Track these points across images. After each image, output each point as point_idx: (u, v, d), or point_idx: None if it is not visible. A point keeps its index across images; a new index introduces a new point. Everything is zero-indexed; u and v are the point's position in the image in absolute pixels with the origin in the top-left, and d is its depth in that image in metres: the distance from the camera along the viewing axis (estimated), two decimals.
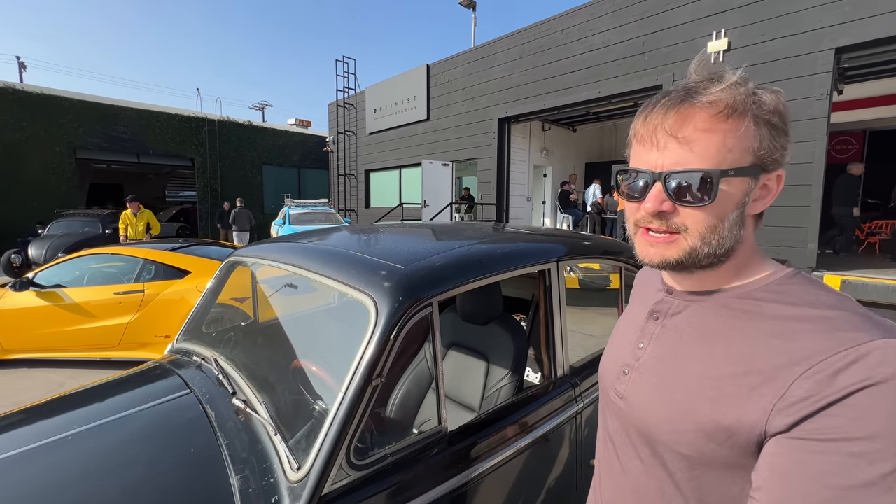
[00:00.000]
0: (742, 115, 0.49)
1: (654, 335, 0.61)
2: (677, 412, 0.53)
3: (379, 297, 1.04)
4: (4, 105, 12.06)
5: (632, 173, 0.55)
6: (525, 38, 8.67)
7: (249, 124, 17.12)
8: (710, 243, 0.52)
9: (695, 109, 0.50)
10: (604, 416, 0.69)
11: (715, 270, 0.56)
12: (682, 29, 6.44)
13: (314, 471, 0.89)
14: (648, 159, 0.53)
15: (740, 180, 0.50)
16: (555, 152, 11.38)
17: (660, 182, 0.52)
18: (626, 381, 0.62)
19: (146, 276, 4.08)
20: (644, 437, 0.57)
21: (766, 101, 0.50)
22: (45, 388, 3.64)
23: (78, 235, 8.88)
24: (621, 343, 0.67)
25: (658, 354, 0.59)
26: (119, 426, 1.15)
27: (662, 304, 0.62)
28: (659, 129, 0.52)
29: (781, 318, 0.50)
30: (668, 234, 0.54)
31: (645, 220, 0.55)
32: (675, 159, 0.51)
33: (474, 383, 1.65)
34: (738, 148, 0.49)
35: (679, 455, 0.53)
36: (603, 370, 0.70)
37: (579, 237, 1.87)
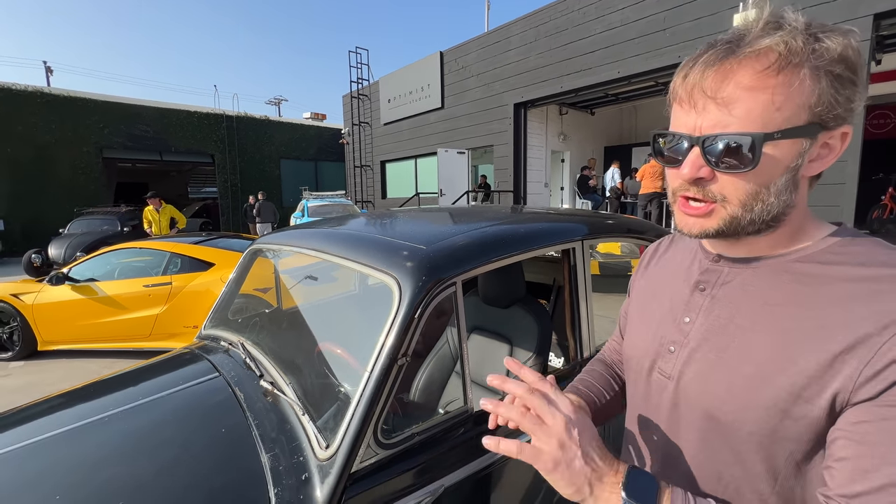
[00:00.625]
0: (797, 68, 0.43)
1: (703, 307, 0.56)
2: (746, 388, 0.48)
3: (402, 277, 1.03)
4: (34, 108, 12.52)
5: (670, 137, 0.51)
6: (540, 20, 8.46)
7: (266, 119, 17.33)
8: (753, 210, 0.48)
9: (739, 64, 0.45)
10: (642, 399, 0.64)
11: (766, 236, 0.52)
12: (706, 2, 6.16)
13: (342, 449, 0.90)
14: (687, 122, 0.49)
15: (791, 142, 0.45)
16: (572, 137, 11.15)
17: (697, 147, 0.48)
18: (675, 359, 0.57)
19: (173, 268, 4.20)
20: (703, 416, 0.53)
21: (830, 48, 0.43)
22: (83, 377, 3.81)
23: (96, 234, 9.09)
24: (656, 319, 0.62)
25: (712, 328, 0.54)
26: (153, 408, 1.18)
27: (710, 274, 0.57)
28: (696, 89, 0.47)
29: (855, 279, 0.46)
30: (706, 204, 0.50)
31: (682, 188, 0.51)
32: (713, 122, 0.46)
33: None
34: (791, 105, 0.43)
35: (745, 433, 0.49)
36: (636, 350, 0.65)
37: (603, 216, 1.82)
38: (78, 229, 9.41)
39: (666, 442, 0.58)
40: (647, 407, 0.62)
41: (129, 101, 14.31)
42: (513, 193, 9.56)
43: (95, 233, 9.12)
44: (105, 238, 8.68)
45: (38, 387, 3.61)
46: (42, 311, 4.12)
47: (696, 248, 0.62)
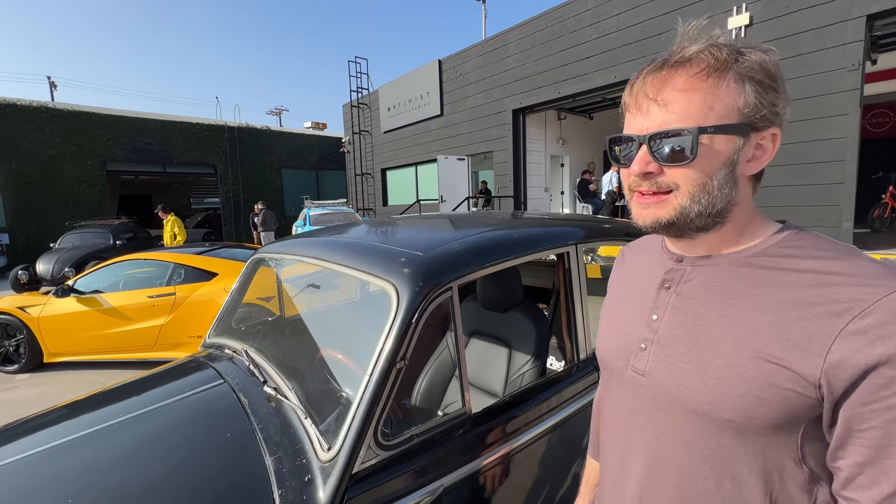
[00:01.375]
0: (722, 73, 0.50)
1: (670, 304, 0.59)
2: (718, 378, 0.51)
3: (399, 283, 1.06)
4: (39, 123, 12.68)
5: (623, 141, 0.57)
6: (537, 27, 8.55)
7: (267, 129, 17.48)
8: (700, 202, 0.52)
9: (674, 71, 0.51)
10: (615, 398, 0.66)
11: (716, 233, 0.56)
12: (700, 6, 6.23)
13: (344, 450, 0.92)
14: (635, 125, 0.55)
15: (725, 138, 0.51)
16: (572, 141, 11.21)
17: (644, 145, 0.53)
18: (647, 356, 0.59)
19: (177, 279, 4.24)
20: (680, 409, 0.55)
21: (751, 59, 0.50)
22: (89, 388, 3.83)
23: (87, 248, 8.79)
24: (625, 319, 0.65)
25: (679, 323, 0.57)
26: (160, 414, 1.21)
27: (674, 273, 0.61)
28: (640, 94, 0.54)
29: (806, 270, 0.50)
30: (658, 195, 0.54)
31: (635, 184, 0.56)
32: (656, 121, 0.52)
33: (497, 370, 1.67)
34: (721, 106, 0.50)
35: (724, 422, 0.51)
36: (608, 350, 0.67)
37: (598, 220, 1.86)
38: (69, 244, 9.14)
39: (646, 435, 0.60)
40: (625, 403, 0.64)
41: (133, 114, 14.48)
42: (513, 199, 9.60)
43: (86, 247, 8.86)
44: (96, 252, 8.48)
45: (44, 399, 3.64)
46: (48, 324, 4.17)
47: (660, 250, 0.66)
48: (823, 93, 5.19)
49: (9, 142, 12.23)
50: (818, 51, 5.24)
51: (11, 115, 12.29)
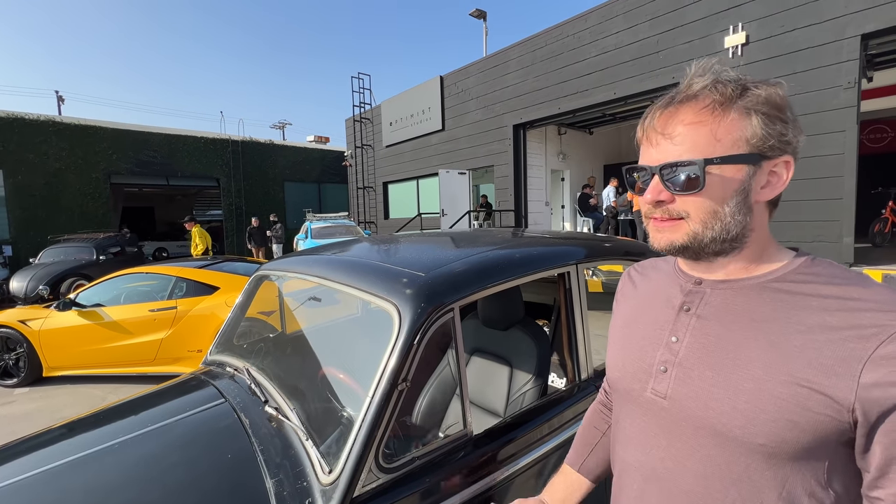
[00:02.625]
0: (727, 107, 0.52)
1: (691, 326, 0.59)
2: (749, 402, 0.51)
3: (401, 304, 1.07)
4: (46, 137, 12.86)
5: (635, 171, 0.61)
6: (537, 45, 8.71)
7: (271, 143, 17.68)
8: (713, 228, 0.54)
9: (682, 106, 0.55)
10: (631, 421, 0.65)
11: (734, 257, 0.58)
12: (697, 25, 6.36)
13: (345, 473, 0.92)
14: (648, 157, 0.58)
15: (735, 168, 0.53)
16: (572, 156, 11.31)
17: (657, 175, 0.56)
18: (668, 379, 0.59)
19: (178, 293, 4.25)
20: (708, 433, 0.54)
21: (756, 93, 0.53)
22: (88, 403, 3.82)
23: (66, 264, 8.30)
24: (640, 341, 0.65)
25: (702, 345, 0.57)
26: (161, 434, 1.21)
27: (693, 295, 0.61)
28: (651, 130, 0.57)
29: (829, 296, 0.51)
30: (672, 220, 0.57)
31: (651, 211, 0.59)
32: (666, 153, 0.55)
33: (498, 388, 1.66)
34: (728, 138, 0.52)
35: (756, 446, 0.50)
36: (622, 372, 0.67)
37: (599, 239, 1.87)
38: (50, 258, 8.69)
39: (668, 459, 0.59)
40: (644, 426, 0.63)
41: (139, 127, 14.68)
42: (514, 213, 9.65)
43: (66, 263, 8.41)
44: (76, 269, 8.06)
45: (42, 413, 3.62)
46: (48, 337, 4.16)
47: (674, 273, 0.66)
48: (820, 110, 5.25)
49: (15, 155, 12.39)
50: (814, 69, 5.32)
51: (19, 129, 12.47)
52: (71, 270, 8.15)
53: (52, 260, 8.66)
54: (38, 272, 7.84)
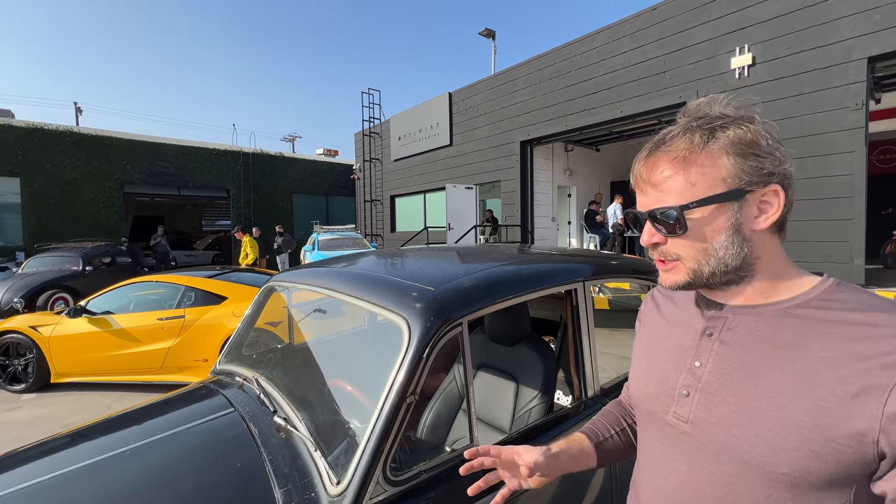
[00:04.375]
0: (696, 153, 0.55)
1: (713, 352, 0.59)
2: (772, 430, 0.51)
3: (411, 318, 1.09)
4: (63, 147, 13.19)
5: (632, 213, 0.65)
6: (545, 63, 8.86)
7: (280, 156, 17.98)
8: (708, 263, 0.57)
9: (659, 157, 0.58)
10: (652, 443, 0.66)
11: (746, 284, 0.59)
12: (703, 47, 6.44)
13: (353, 485, 0.93)
14: (640, 202, 0.62)
15: (715, 207, 0.56)
16: (579, 172, 11.37)
17: (648, 220, 0.61)
18: (691, 403, 0.59)
19: (187, 302, 4.29)
20: (730, 460, 0.54)
21: (726, 135, 0.55)
22: (94, 410, 3.84)
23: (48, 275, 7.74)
24: (664, 364, 0.65)
25: (725, 371, 0.57)
26: (171, 442, 1.22)
27: (716, 321, 0.61)
28: (638, 178, 0.62)
29: (852, 323, 0.51)
30: (671, 262, 0.60)
31: (650, 252, 0.63)
32: (652, 200, 0.59)
33: (504, 404, 1.66)
34: (704, 181, 0.55)
35: (779, 475, 0.50)
36: (645, 395, 0.67)
37: (606, 257, 1.88)
38: (34, 268, 8.17)
39: (687, 484, 0.59)
40: (665, 450, 0.63)
41: (153, 138, 15.02)
42: (520, 228, 9.67)
43: (47, 273, 7.84)
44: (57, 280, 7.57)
45: (48, 419, 3.64)
46: (58, 344, 4.21)
47: (697, 297, 0.66)
48: (828, 130, 5.27)
49: (34, 163, 12.71)
50: (822, 90, 5.35)
51: (38, 139, 12.82)
52: (51, 282, 7.57)
53: (35, 269, 8.11)
54: (17, 283, 7.37)
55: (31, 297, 7.13)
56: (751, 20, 5.94)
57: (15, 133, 12.50)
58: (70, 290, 7.75)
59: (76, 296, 7.49)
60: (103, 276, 8.28)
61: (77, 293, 7.66)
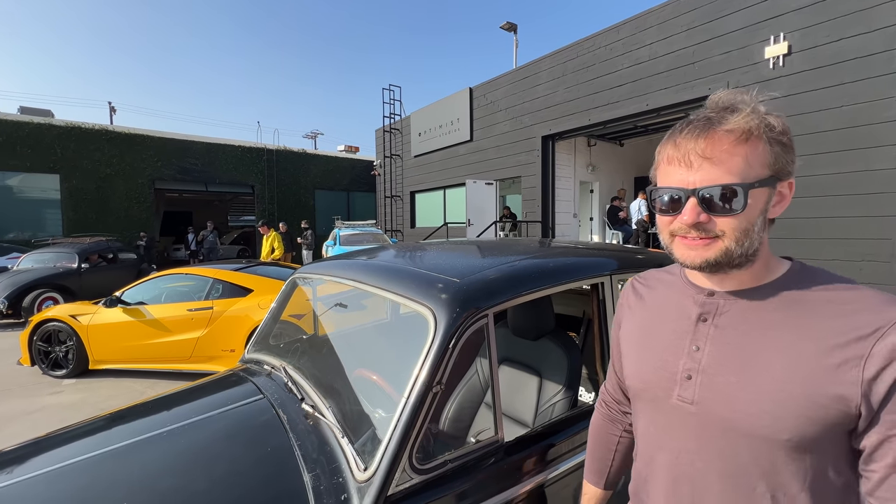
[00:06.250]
0: (758, 138, 0.58)
1: (710, 336, 0.64)
2: (774, 402, 0.56)
3: (437, 309, 1.09)
4: (99, 144, 13.77)
5: (665, 191, 0.63)
6: (568, 56, 8.70)
7: (303, 152, 18.27)
8: (743, 245, 0.59)
9: (719, 135, 0.58)
10: (657, 427, 0.70)
11: (747, 269, 0.63)
12: (735, 36, 6.20)
13: (380, 471, 0.94)
14: (681, 178, 0.61)
15: (762, 190, 0.59)
16: (602, 167, 11.15)
17: (694, 197, 0.59)
18: (694, 385, 0.63)
19: (214, 294, 4.43)
20: (736, 434, 0.59)
21: (776, 125, 0.59)
22: (129, 396, 4.02)
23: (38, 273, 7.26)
24: (660, 351, 0.69)
25: (723, 353, 0.62)
26: (204, 426, 1.27)
27: (709, 306, 0.66)
28: (691, 152, 0.60)
29: (828, 301, 0.58)
30: (707, 239, 0.61)
31: (682, 231, 0.62)
32: (706, 176, 0.59)
33: (527, 399, 1.65)
34: (758, 164, 0.58)
35: (781, 442, 0.56)
36: (646, 382, 0.71)
37: (632, 251, 1.85)
38: (29, 264, 7.73)
39: (698, 461, 0.63)
40: (671, 432, 0.67)
41: (182, 136, 15.51)
42: (541, 224, 9.57)
43: (37, 272, 7.35)
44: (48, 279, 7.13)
45: (88, 403, 3.83)
46: (95, 332, 4.41)
47: (683, 285, 0.71)
48: (870, 122, 5.00)
49: (72, 161, 13.31)
50: (863, 80, 5.08)
51: (76, 137, 13.41)
52: (40, 281, 7.05)
53: (30, 266, 7.63)
54: (4, 281, 6.92)
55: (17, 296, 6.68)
56: (787, 7, 5.67)
57: (54, 132, 13.11)
58: (62, 290, 7.21)
59: (69, 296, 7.10)
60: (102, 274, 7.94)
61: (71, 293, 7.24)
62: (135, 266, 9.23)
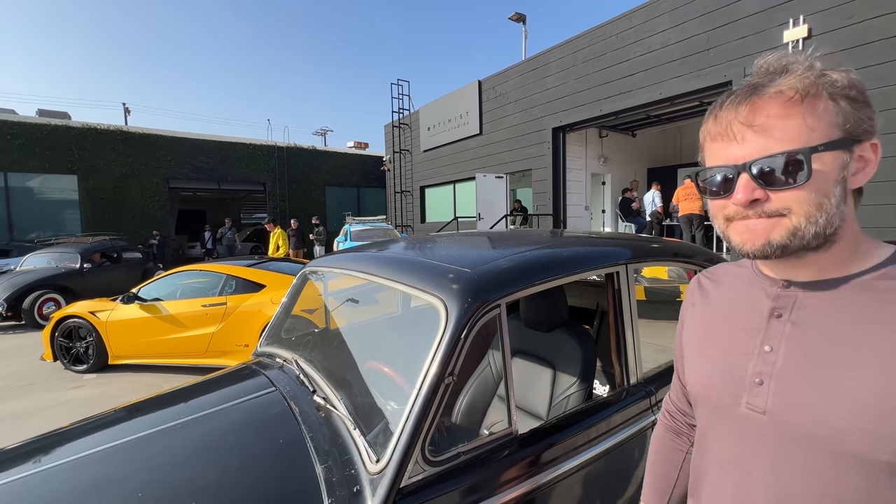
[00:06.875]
0: (816, 96, 0.49)
1: (786, 334, 0.54)
2: (873, 415, 0.46)
3: (449, 300, 1.08)
4: (114, 145, 14.03)
5: (711, 172, 0.55)
6: (578, 46, 8.56)
7: (313, 149, 18.38)
8: (818, 222, 0.49)
9: (765, 100, 0.50)
10: (723, 439, 0.60)
11: (827, 253, 0.53)
12: (752, 20, 6.02)
13: (392, 463, 0.93)
14: (728, 154, 0.53)
15: (833, 155, 0.49)
16: (613, 159, 10.99)
17: (745, 173, 0.51)
18: (766, 392, 0.54)
19: (228, 289, 4.48)
20: (822, 452, 0.49)
21: (838, 80, 0.50)
22: (147, 391, 4.10)
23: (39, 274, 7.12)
24: (726, 351, 0.60)
25: (803, 355, 0.52)
26: (218, 417, 1.28)
27: (784, 300, 0.56)
28: (733, 122, 0.52)
29: None
30: (769, 218, 0.52)
31: (739, 214, 0.53)
32: (756, 148, 0.50)
33: (541, 391, 1.63)
34: (823, 125, 0.49)
35: (882, 464, 0.46)
36: (710, 387, 0.61)
37: (646, 240, 1.80)
38: (32, 265, 7.56)
39: (771, 481, 0.54)
40: (741, 445, 0.57)
41: (194, 135, 15.72)
42: (552, 217, 9.48)
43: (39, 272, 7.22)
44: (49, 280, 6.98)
45: (107, 397, 3.92)
46: (114, 328, 4.51)
47: (754, 276, 0.61)
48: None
49: (89, 161, 13.59)
50: (889, 62, 4.89)
51: (92, 138, 13.68)
52: (41, 282, 6.90)
53: (33, 267, 7.51)
54: (4, 283, 6.79)
55: (16, 298, 6.58)
56: None
57: (72, 133, 13.39)
58: (64, 291, 7.07)
59: (71, 297, 6.95)
60: (105, 274, 7.84)
61: (73, 293, 7.10)
62: (140, 265, 9.15)
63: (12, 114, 13.68)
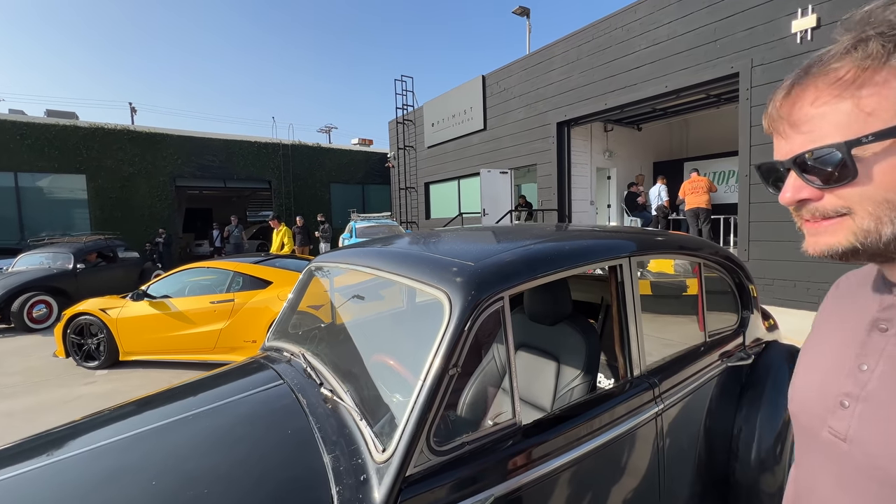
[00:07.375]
0: (872, 73, 0.40)
1: (885, 352, 0.46)
2: None
3: (452, 292, 1.09)
4: (121, 144, 14.16)
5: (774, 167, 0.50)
6: (583, 39, 8.49)
7: (318, 147, 18.43)
8: (892, 221, 0.42)
9: (808, 85, 0.44)
10: (809, 466, 0.53)
11: None
12: (760, 10, 5.94)
13: (398, 452, 0.95)
14: (780, 150, 0.48)
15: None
16: (619, 153, 10.92)
17: (792, 170, 0.46)
18: (850, 416, 0.47)
19: (235, 286, 4.53)
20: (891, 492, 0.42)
21: None
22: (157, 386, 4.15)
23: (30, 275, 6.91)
24: (823, 365, 0.53)
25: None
26: (228, 409, 1.31)
27: (892, 311, 0.47)
28: (777, 118, 0.48)
29: None
30: (829, 220, 0.45)
31: (795, 213, 0.49)
32: (800, 143, 0.45)
33: (545, 384, 1.64)
34: (884, 107, 0.40)
35: None
36: (801, 402, 0.54)
37: (651, 233, 1.81)
38: (24, 265, 7.39)
39: None
40: (822, 474, 0.51)
41: (200, 134, 15.83)
42: (557, 212, 9.45)
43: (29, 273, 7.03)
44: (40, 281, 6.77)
45: (119, 393, 3.99)
46: (124, 325, 4.58)
47: (876, 279, 0.52)
48: None
49: (96, 161, 13.73)
50: None
51: (99, 138, 13.82)
52: (31, 284, 6.71)
53: (26, 267, 7.36)
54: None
55: (6, 301, 6.43)
56: None
57: (80, 133, 13.53)
58: (56, 292, 6.89)
59: (64, 298, 6.81)
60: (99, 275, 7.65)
61: (66, 295, 6.94)
62: (137, 265, 8.93)
63: (21, 114, 13.85)
